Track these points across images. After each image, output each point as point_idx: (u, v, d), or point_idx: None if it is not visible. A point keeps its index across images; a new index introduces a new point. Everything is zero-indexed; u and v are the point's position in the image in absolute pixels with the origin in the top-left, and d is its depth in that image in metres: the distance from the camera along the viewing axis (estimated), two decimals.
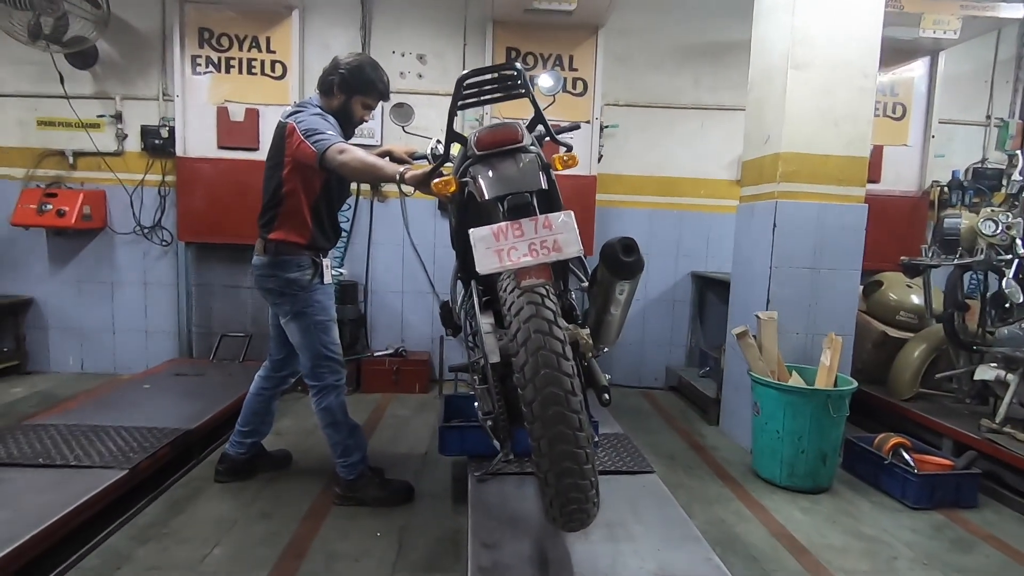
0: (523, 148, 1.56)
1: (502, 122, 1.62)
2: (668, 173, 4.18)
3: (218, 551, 1.98)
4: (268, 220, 2.22)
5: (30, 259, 4.00)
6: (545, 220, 1.40)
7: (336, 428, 2.27)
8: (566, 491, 1.34)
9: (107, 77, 3.92)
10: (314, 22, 3.96)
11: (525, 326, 1.33)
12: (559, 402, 1.29)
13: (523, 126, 1.62)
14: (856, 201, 2.92)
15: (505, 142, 1.55)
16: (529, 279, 1.36)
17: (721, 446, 3.13)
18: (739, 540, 2.17)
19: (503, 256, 1.36)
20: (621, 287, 1.43)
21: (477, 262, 1.37)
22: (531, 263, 1.36)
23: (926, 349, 3.23)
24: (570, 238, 1.38)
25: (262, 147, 3.82)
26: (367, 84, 2.20)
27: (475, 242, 1.37)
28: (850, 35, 2.83)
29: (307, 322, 2.21)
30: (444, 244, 4.11)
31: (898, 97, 4.14)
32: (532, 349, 1.31)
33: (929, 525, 2.34)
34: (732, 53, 4.03)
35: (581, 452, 1.32)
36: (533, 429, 1.32)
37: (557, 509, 1.39)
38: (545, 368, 1.29)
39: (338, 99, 2.21)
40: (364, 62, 2.21)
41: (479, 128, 1.64)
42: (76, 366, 4.08)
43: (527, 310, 1.34)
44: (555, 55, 3.93)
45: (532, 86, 1.70)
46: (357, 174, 2.09)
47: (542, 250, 1.36)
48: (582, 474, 1.33)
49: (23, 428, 2.49)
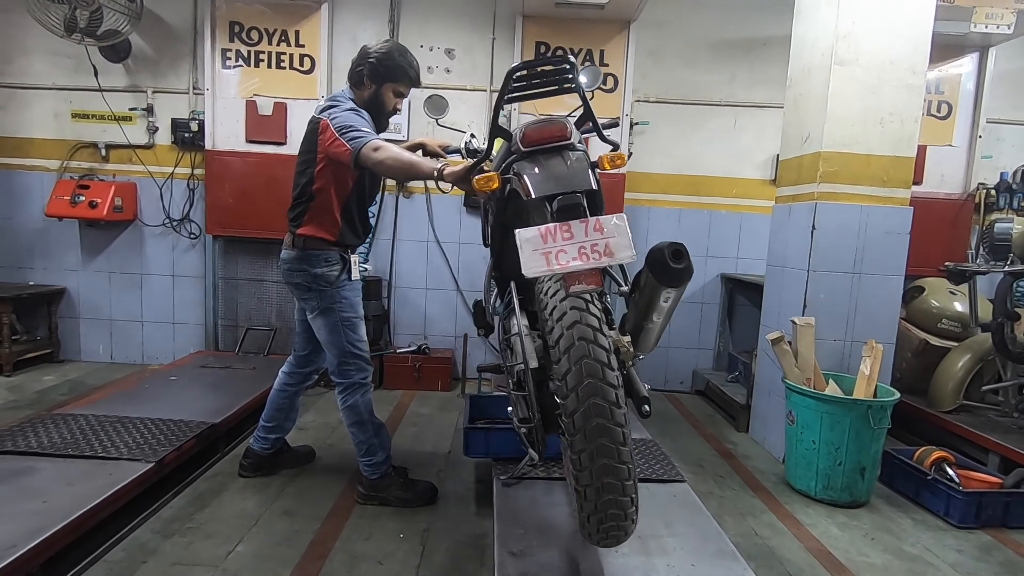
0: (571, 146, 1.49)
1: (549, 118, 1.54)
2: (699, 172, 4.07)
3: (242, 548, 1.97)
4: (297, 215, 2.20)
5: (63, 250, 4.07)
6: (596, 222, 1.31)
7: (361, 427, 2.24)
8: (605, 507, 1.28)
9: (139, 70, 3.96)
10: (343, 16, 3.94)
11: (568, 332, 1.27)
12: (603, 414, 1.23)
13: (571, 123, 1.54)
14: (901, 203, 2.80)
15: (553, 139, 1.48)
16: (578, 284, 1.28)
17: (752, 454, 3.03)
18: (774, 555, 2.08)
19: (551, 259, 1.28)
20: (667, 294, 1.35)
21: (523, 264, 1.29)
22: (581, 267, 1.28)
23: (971, 359, 3.08)
24: (622, 242, 1.30)
25: (290, 141, 3.83)
26: (397, 70, 2.15)
27: (521, 243, 1.29)
28: (898, 31, 2.70)
29: (334, 319, 2.19)
30: (469, 241, 4.08)
31: (944, 95, 3.97)
32: (576, 357, 1.24)
33: (975, 546, 2.22)
34: (768, 48, 3.91)
35: (624, 468, 1.25)
36: (574, 442, 1.26)
37: (594, 525, 1.32)
38: (589, 378, 1.23)
39: (369, 89, 2.16)
40: (392, 48, 2.16)
41: (525, 124, 1.57)
42: (106, 355, 4.14)
43: (571, 315, 1.28)
44: (586, 50, 3.85)
45: None
46: (393, 172, 2.04)
47: (592, 254, 1.28)
48: (623, 490, 1.27)
49: (53, 418, 2.52)
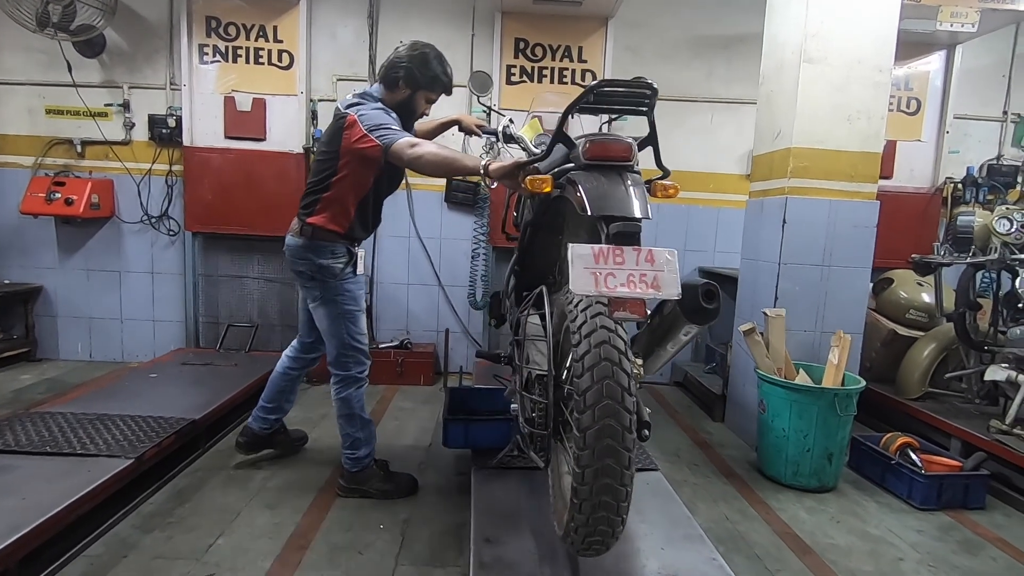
0: (631, 168, 1.50)
1: (616, 137, 1.55)
2: (677, 167, 4.03)
3: (222, 541, 1.99)
4: (310, 203, 2.18)
5: (39, 247, 4.02)
6: (648, 253, 1.32)
7: (350, 420, 2.28)
8: (596, 523, 1.32)
9: (115, 66, 3.92)
10: (321, 11, 3.93)
11: (596, 350, 1.29)
12: (615, 436, 1.26)
13: (635, 144, 1.54)
14: (868, 198, 2.88)
15: (616, 158, 1.49)
16: (623, 311, 1.30)
17: (727, 443, 3.11)
18: (743, 539, 2.16)
19: (599, 280, 1.29)
20: (688, 329, 1.40)
21: (572, 280, 1.30)
22: (627, 295, 1.30)
23: (936, 348, 3.19)
24: (670, 279, 1.31)
25: (269, 137, 3.82)
26: (435, 81, 2.15)
27: (573, 258, 1.31)
28: (865, 29, 2.78)
29: (336, 310, 2.20)
30: (450, 237, 4.12)
31: (913, 92, 4.07)
32: (599, 376, 1.27)
33: (936, 526, 2.32)
34: (745, 45, 3.97)
35: (623, 490, 1.30)
36: (581, 456, 1.29)
37: (580, 536, 1.37)
38: (608, 399, 1.26)
39: (403, 93, 2.14)
40: (431, 56, 2.13)
41: (589, 135, 1.57)
42: (85, 354, 4.11)
43: (600, 334, 1.31)
44: (564, 46, 3.89)
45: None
46: (432, 167, 1.96)
47: (640, 284, 1.30)
48: (617, 510, 1.31)
49: (31, 416, 2.51)
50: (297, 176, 3.81)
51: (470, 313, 4.17)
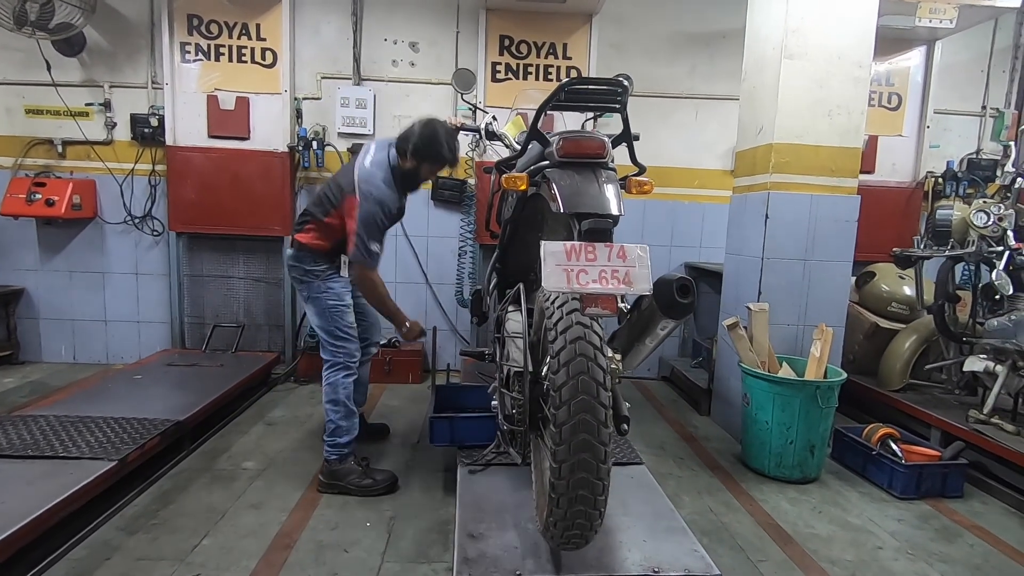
0: (605, 164, 1.51)
1: (589, 134, 1.57)
2: (662, 163, 4.15)
3: (207, 541, 1.99)
4: (302, 223, 2.40)
5: (20, 249, 3.97)
6: (620, 249, 1.34)
7: (335, 405, 2.35)
8: (574, 516, 1.34)
9: (95, 64, 3.87)
10: (305, 9, 3.91)
11: (571, 346, 1.31)
12: (591, 431, 1.28)
13: (608, 141, 1.56)
14: (849, 192, 2.92)
15: (589, 154, 1.50)
16: (594, 307, 1.32)
17: (712, 436, 3.15)
18: (726, 530, 2.18)
19: (571, 277, 1.31)
20: (665, 324, 1.42)
21: (544, 277, 1.32)
22: (598, 291, 1.32)
23: (916, 340, 3.24)
24: (642, 274, 1.33)
25: (253, 136, 3.80)
26: (438, 156, 2.33)
27: (545, 255, 1.33)
28: (844, 25, 2.80)
29: (321, 306, 2.38)
30: (437, 235, 4.11)
31: (894, 87, 4.11)
32: (574, 372, 1.29)
33: (915, 515, 2.36)
34: (728, 41, 3.99)
35: (600, 484, 1.32)
36: (557, 451, 1.31)
37: (559, 530, 1.39)
38: (583, 394, 1.28)
39: (410, 163, 2.33)
40: (438, 134, 2.29)
41: (563, 132, 1.58)
42: (68, 356, 4.07)
43: (575, 330, 1.33)
44: (549, 43, 3.89)
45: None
46: (367, 297, 2.42)
47: (612, 280, 1.32)
48: (594, 504, 1.33)
49: (12, 419, 2.49)
50: (282, 175, 3.80)
51: (458, 311, 4.18)
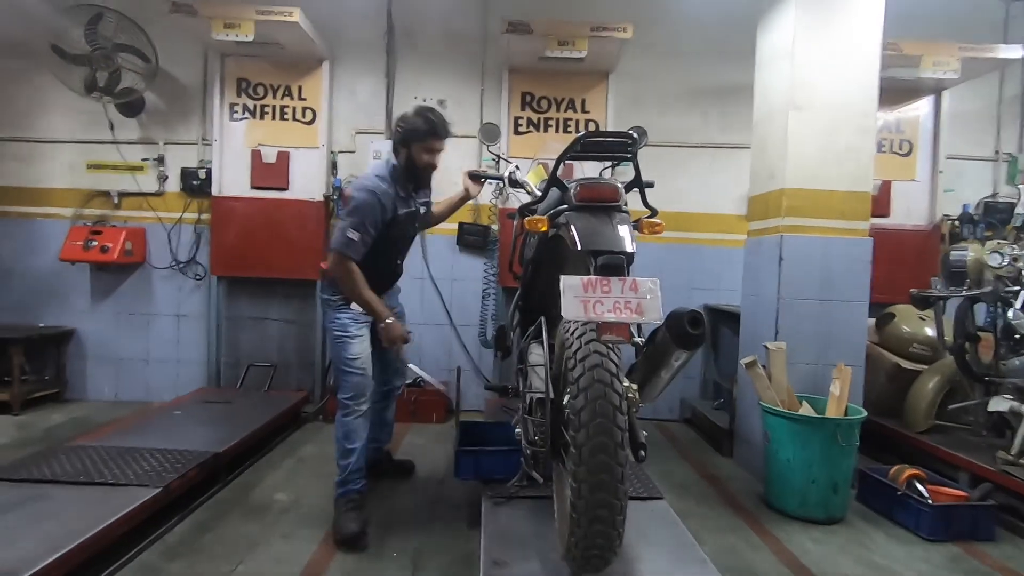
0: (619, 207, 1.67)
1: (604, 180, 1.74)
2: (680, 208, 4.29)
3: (242, 568, 2.07)
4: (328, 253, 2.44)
5: (74, 293, 4.25)
6: (633, 283, 1.47)
7: (336, 443, 2.42)
8: (594, 536, 1.41)
9: (152, 124, 4.24)
10: (342, 71, 4.25)
11: (589, 373, 1.41)
12: (608, 451, 1.37)
13: (622, 186, 1.72)
14: (861, 234, 3.00)
15: (604, 199, 1.66)
16: (609, 334, 1.44)
17: (734, 477, 3.14)
18: (750, 569, 2.18)
19: (588, 307, 1.43)
20: (679, 355, 1.52)
21: (564, 308, 1.45)
22: (613, 320, 1.44)
23: (940, 381, 3.23)
24: (653, 304, 1.45)
25: (292, 187, 4.07)
26: (414, 131, 2.34)
27: (564, 288, 1.46)
28: (848, 78, 2.96)
29: (330, 336, 2.46)
30: (461, 278, 4.28)
31: (904, 134, 4.24)
32: (592, 396, 1.39)
33: (944, 557, 2.32)
34: (739, 94, 4.17)
35: (618, 504, 1.40)
36: (577, 472, 1.39)
37: (580, 551, 1.46)
38: (601, 417, 1.37)
39: (402, 153, 2.39)
40: (408, 113, 2.37)
41: (580, 179, 1.76)
42: (111, 394, 4.27)
43: (593, 358, 1.43)
44: (568, 98, 4.13)
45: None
46: (341, 286, 2.34)
47: (625, 310, 1.44)
48: (613, 524, 1.41)
49: (64, 449, 2.65)
50: (317, 221, 4.04)
51: (481, 352, 4.29)
